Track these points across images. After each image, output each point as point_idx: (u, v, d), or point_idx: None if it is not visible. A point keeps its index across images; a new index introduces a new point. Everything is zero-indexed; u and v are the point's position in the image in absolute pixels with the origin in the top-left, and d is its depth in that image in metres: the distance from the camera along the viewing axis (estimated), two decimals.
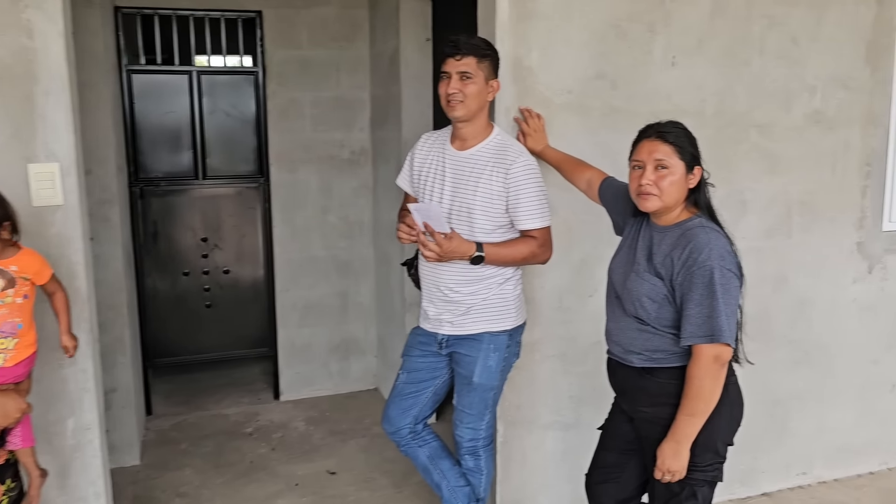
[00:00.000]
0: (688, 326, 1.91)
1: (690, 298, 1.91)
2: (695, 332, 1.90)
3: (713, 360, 1.90)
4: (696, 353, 1.91)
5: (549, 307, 2.78)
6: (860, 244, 3.27)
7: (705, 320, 1.89)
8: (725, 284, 1.89)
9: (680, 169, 2.00)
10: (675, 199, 2.01)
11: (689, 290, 1.91)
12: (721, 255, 1.92)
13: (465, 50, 2.28)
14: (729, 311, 1.89)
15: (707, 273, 1.89)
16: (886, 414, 3.47)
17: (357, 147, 4.31)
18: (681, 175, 2.00)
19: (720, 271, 1.89)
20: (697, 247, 1.92)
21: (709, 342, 1.89)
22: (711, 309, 1.88)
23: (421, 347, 2.52)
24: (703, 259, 1.90)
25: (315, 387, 4.41)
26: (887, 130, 3.24)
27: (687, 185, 2.02)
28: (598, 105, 2.73)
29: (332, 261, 4.36)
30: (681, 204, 2.04)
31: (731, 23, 2.89)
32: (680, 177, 2.00)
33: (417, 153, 2.54)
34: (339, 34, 4.16)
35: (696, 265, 1.90)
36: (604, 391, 2.83)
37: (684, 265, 1.93)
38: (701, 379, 1.90)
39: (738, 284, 1.94)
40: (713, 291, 1.88)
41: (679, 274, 1.94)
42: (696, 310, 1.90)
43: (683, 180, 2.01)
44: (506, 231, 2.37)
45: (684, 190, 2.02)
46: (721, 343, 1.88)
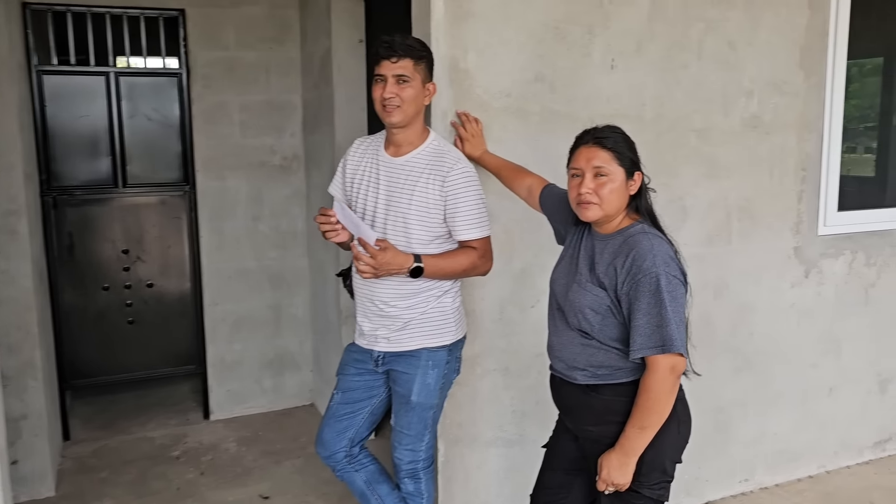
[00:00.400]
0: (637, 338, 1.83)
1: (638, 308, 1.83)
2: (645, 344, 1.82)
3: (669, 370, 1.82)
4: (652, 364, 1.83)
5: (490, 319, 2.67)
6: (797, 249, 3.28)
7: (655, 330, 1.81)
8: (672, 292, 1.82)
9: (620, 176, 1.92)
10: (616, 207, 1.93)
11: (635, 300, 1.83)
12: (665, 262, 1.84)
13: (400, 52, 2.15)
14: (678, 319, 1.82)
15: (653, 280, 1.81)
16: (824, 417, 3.48)
17: (289, 153, 4.13)
18: (621, 182, 1.92)
19: (666, 278, 1.81)
20: (641, 254, 1.84)
21: (660, 353, 1.81)
22: (660, 318, 1.80)
23: (356, 365, 2.38)
24: (648, 266, 1.82)
25: (247, 404, 4.21)
26: (821, 135, 3.26)
27: (628, 192, 1.94)
28: (537, 109, 2.64)
29: (263, 272, 4.16)
30: (622, 211, 1.96)
31: (670, 26, 2.85)
32: (620, 184, 1.92)
33: (350, 159, 2.40)
34: (269, 35, 3.98)
35: (641, 273, 1.82)
36: (547, 405, 2.74)
37: (629, 274, 1.85)
38: (657, 391, 1.81)
39: (685, 291, 1.87)
40: (660, 299, 1.80)
41: (624, 283, 1.85)
42: (645, 319, 1.82)
43: (624, 187, 1.93)
44: (444, 241, 2.25)
45: (625, 197, 1.94)
46: (674, 353, 1.80)
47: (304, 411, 4.27)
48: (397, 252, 2.14)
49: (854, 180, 3.51)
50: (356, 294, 2.37)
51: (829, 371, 3.46)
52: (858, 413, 3.58)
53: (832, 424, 3.51)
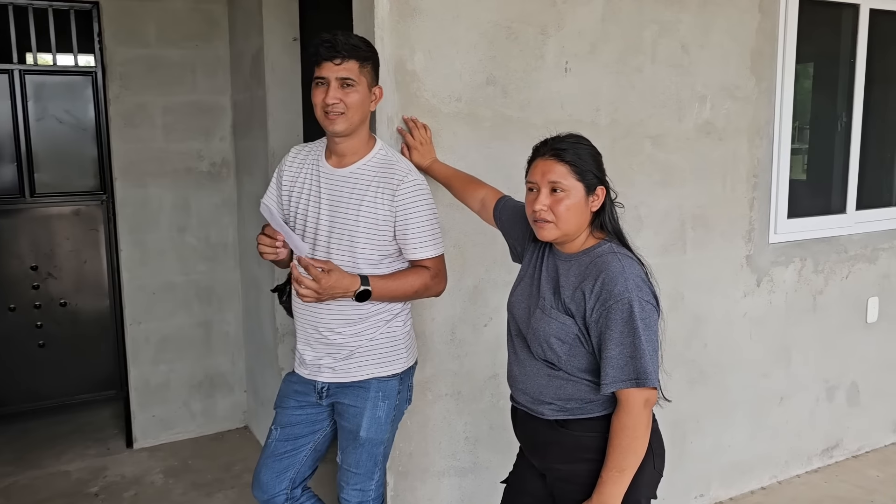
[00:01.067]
0: (609, 370, 1.67)
1: (609, 338, 1.67)
2: (618, 377, 1.67)
3: (643, 405, 1.67)
4: (624, 399, 1.68)
5: (441, 341, 2.48)
6: (749, 257, 3.22)
7: (628, 362, 1.66)
8: (646, 319, 1.67)
9: (578, 191, 1.75)
10: (574, 226, 1.77)
11: (606, 329, 1.67)
12: (638, 286, 1.69)
13: (344, 52, 1.93)
14: (652, 348, 1.67)
15: (625, 307, 1.66)
16: (776, 427, 3.44)
17: (218, 158, 3.85)
18: (580, 198, 1.75)
19: (639, 304, 1.67)
20: (611, 277, 1.69)
21: (634, 386, 1.66)
22: (634, 348, 1.65)
23: (296, 397, 2.15)
24: (620, 291, 1.67)
25: (175, 430, 3.90)
26: (772, 141, 3.21)
27: (589, 209, 1.77)
28: (488, 114, 2.47)
29: (191, 287, 3.86)
30: (584, 229, 1.80)
31: (624, 27, 2.72)
32: (578, 200, 1.75)
33: (286, 170, 2.17)
34: (194, 31, 3.69)
35: (613, 299, 1.67)
36: (502, 430, 2.58)
37: (598, 299, 1.69)
38: (633, 429, 1.66)
39: (658, 317, 1.73)
40: (634, 328, 1.65)
41: (593, 310, 1.69)
42: (617, 350, 1.66)
43: (584, 204, 1.76)
44: (393, 261, 2.05)
45: (586, 214, 1.77)
46: (648, 387, 1.65)
47: (237, 435, 3.99)
48: (343, 274, 1.93)
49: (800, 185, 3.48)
50: (296, 319, 2.15)
51: (780, 380, 3.42)
52: (807, 421, 3.55)
53: (783, 434, 3.47)
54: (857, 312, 3.62)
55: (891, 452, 3.81)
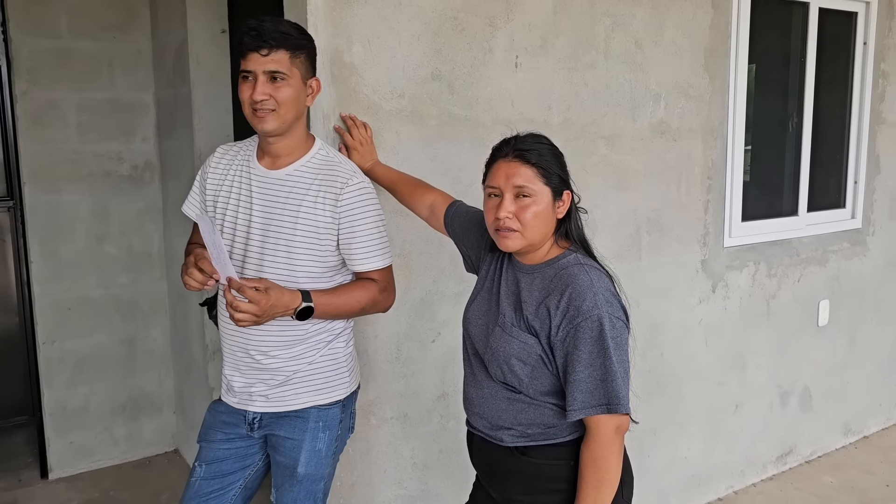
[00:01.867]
0: (577, 395, 1.50)
1: (577, 359, 1.50)
2: (587, 402, 1.50)
3: (614, 433, 1.51)
4: (594, 427, 1.51)
5: (385, 359, 2.27)
6: (704, 262, 3.11)
7: (598, 385, 1.49)
8: (617, 338, 1.51)
9: (546, 196, 1.58)
10: (541, 235, 1.60)
11: (574, 349, 1.50)
12: (608, 301, 1.53)
13: (273, 41, 1.70)
14: (623, 370, 1.51)
15: (595, 325, 1.49)
16: (731, 436, 3.35)
17: (140, 160, 3.54)
18: (547, 204, 1.58)
19: (610, 321, 1.50)
20: (579, 291, 1.52)
21: (604, 412, 1.49)
22: (605, 371, 1.49)
23: (224, 429, 1.91)
24: (588, 307, 1.50)
25: (96, 457, 3.57)
26: (725, 142, 3.11)
27: (556, 216, 1.61)
28: (434, 112, 2.28)
29: (112, 301, 3.55)
30: (549, 238, 1.63)
31: (576, 20, 2.57)
32: (546, 206, 1.58)
33: (211, 173, 1.93)
34: (111, 21, 3.39)
35: (581, 316, 1.50)
36: (453, 454, 2.39)
37: (565, 316, 1.51)
38: (605, 459, 1.50)
39: (628, 335, 1.56)
40: (604, 348, 1.49)
41: (560, 328, 1.52)
42: (587, 372, 1.49)
43: (551, 210, 1.59)
44: (336, 273, 1.84)
45: (552, 221, 1.61)
46: (620, 413, 1.49)
47: (165, 460, 3.69)
48: (281, 291, 1.69)
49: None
50: (223, 341, 1.91)
51: (735, 388, 3.33)
52: (762, 428, 3.47)
53: (738, 442, 3.38)
54: (808, 316, 3.57)
55: (842, 456, 3.78)
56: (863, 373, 3.89)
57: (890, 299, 3.95)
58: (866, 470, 3.61)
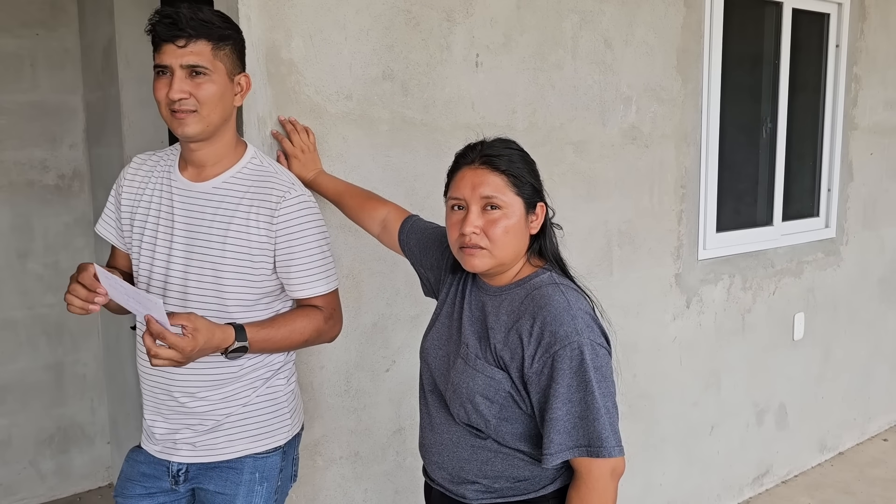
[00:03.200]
0: (554, 435, 1.28)
1: (555, 394, 1.28)
2: (565, 443, 1.28)
3: (609, 477, 1.30)
4: (585, 471, 1.30)
5: (333, 393, 2.03)
6: (678, 276, 2.93)
7: (577, 424, 1.28)
8: (600, 368, 1.29)
9: (518, 209, 1.37)
10: (513, 253, 1.38)
11: (551, 382, 1.29)
12: (588, 325, 1.31)
13: (192, 30, 1.45)
14: (609, 405, 1.30)
15: (575, 354, 1.28)
16: (707, 459, 3.17)
17: (68, 169, 3.24)
18: (519, 217, 1.37)
19: (591, 349, 1.29)
20: (555, 315, 1.30)
21: (584, 455, 1.28)
22: (586, 407, 1.27)
23: (144, 482, 1.65)
24: (566, 333, 1.28)
25: (19, 496, 3.24)
26: (699, 148, 2.93)
27: (528, 230, 1.40)
28: (386, 116, 2.04)
29: (37, 323, 3.23)
30: (521, 256, 1.41)
31: (541, 16, 2.36)
32: (518, 220, 1.37)
33: (126, 186, 1.66)
34: (33, 16, 3.08)
35: (558, 342, 1.28)
36: (410, 492, 2.16)
37: (539, 344, 1.30)
38: None
39: (611, 364, 1.35)
40: (586, 380, 1.27)
41: (535, 359, 1.30)
42: (564, 409, 1.28)
43: (523, 224, 1.38)
44: (273, 300, 1.59)
45: (525, 237, 1.40)
46: (607, 457, 1.27)
47: (98, 496, 3.37)
48: (212, 330, 1.41)
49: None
50: (142, 380, 1.65)
51: (710, 408, 3.15)
52: (738, 449, 3.30)
53: (714, 465, 3.21)
54: (784, 330, 3.42)
55: (818, 475, 3.63)
56: (837, 387, 3.76)
57: (863, 310, 3.83)
58: (844, 489, 3.47)
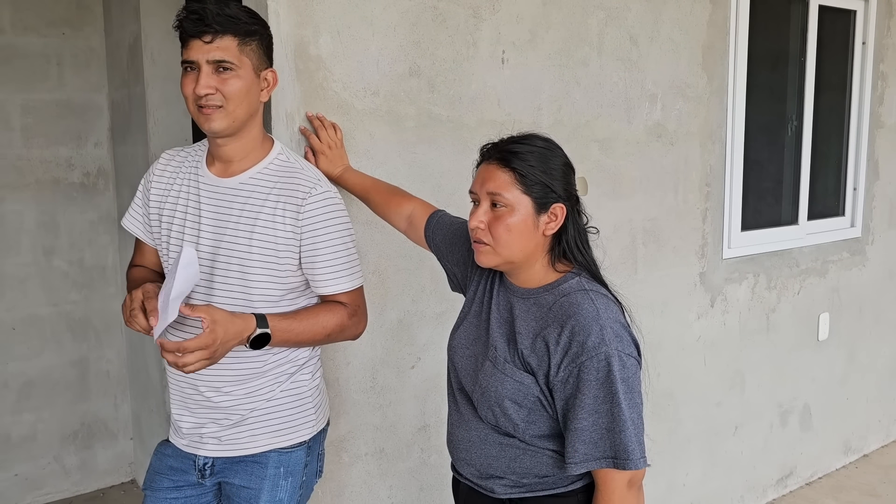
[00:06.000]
0: (579, 445, 1.27)
1: (580, 404, 1.27)
2: (590, 454, 1.27)
3: (627, 487, 1.29)
4: (602, 482, 1.30)
5: (359, 389, 2.03)
6: (703, 275, 2.90)
7: (604, 435, 1.27)
8: (628, 379, 1.28)
9: (524, 207, 1.33)
10: (519, 252, 1.36)
11: (577, 392, 1.28)
12: (617, 335, 1.30)
13: (218, 26, 1.45)
14: (635, 417, 1.28)
15: (602, 365, 1.26)
16: (730, 460, 3.14)
17: (92, 167, 3.26)
18: (525, 216, 1.34)
19: (619, 360, 1.27)
20: (583, 325, 1.29)
21: (611, 466, 1.26)
22: (612, 419, 1.26)
23: (172, 476, 1.65)
24: (594, 344, 1.27)
25: (44, 490, 3.27)
26: (724, 146, 2.91)
27: (540, 231, 1.36)
28: (412, 112, 2.04)
29: (62, 319, 3.26)
30: (538, 257, 1.39)
31: (567, 13, 2.35)
32: (523, 219, 1.34)
33: (155, 181, 1.67)
34: (60, 16, 3.11)
35: (586, 353, 1.27)
36: (435, 489, 2.15)
37: (566, 353, 1.29)
38: None
39: (640, 375, 1.34)
40: (613, 392, 1.26)
41: (561, 368, 1.29)
42: (590, 420, 1.27)
43: (531, 224, 1.34)
44: (298, 296, 1.59)
45: (534, 238, 1.36)
46: (631, 470, 1.26)
47: (121, 491, 3.40)
48: (231, 319, 1.43)
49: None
50: (168, 375, 1.66)
51: (734, 408, 3.12)
52: (761, 450, 3.27)
53: (737, 466, 3.18)
54: (808, 330, 3.38)
55: (843, 477, 3.59)
56: (862, 388, 3.72)
57: (888, 311, 3.79)
58: (869, 492, 3.42)
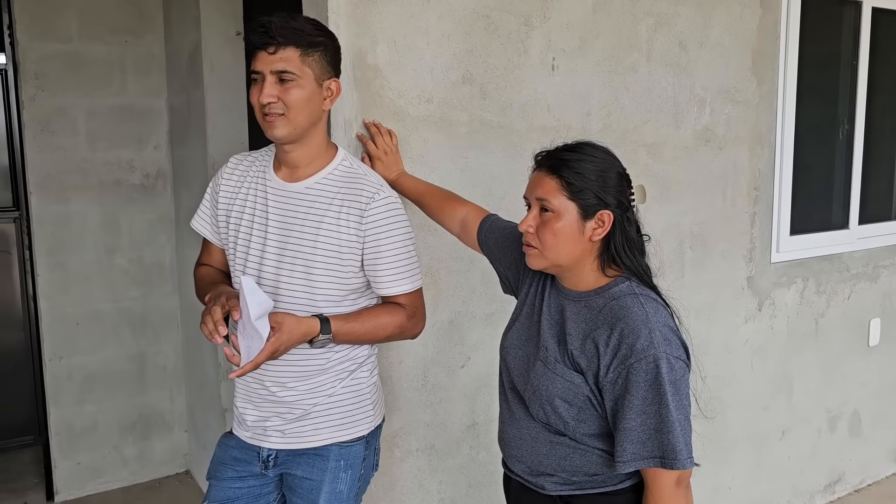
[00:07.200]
0: (627, 445, 1.32)
1: (629, 405, 1.31)
2: (638, 453, 1.31)
3: (675, 485, 1.33)
4: (651, 480, 1.34)
5: (411, 386, 2.09)
6: (750, 279, 2.90)
7: (652, 436, 1.31)
8: (676, 381, 1.32)
9: (570, 214, 1.38)
10: (565, 257, 1.41)
11: (625, 393, 1.32)
12: (666, 338, 1.33)
13: (282, 38, 1.53)
14: (683, 417, 1.32)
15: (650, 368, 1.30)
16: (777, 465, 3.13)
17: (152, 169, 3.40)
18: (571, 223, 1.38)
19: (667, 363, 1.31)
20: (632, 328, 1.33)
21: (658, 466, 1.31)
22: (660, 420, 1.30)
23: (235, 466, 1.74)
24: (643, 347, 1.31)
25: (104, 478, 3.42)
26: (773, 150, 2.90)
27: (586, 237, 1.40)
28: (465, 118, 2.10)
29: (122, 315, 3.39)
30: (586, 262, 1.43)
31: (616, 20, 2.38)
32: (569, 225, 1.38)
33: (224, 185, 1.76)
34: (123, 24, 3.24)
35: (634, 356, 1.31)
36: (483, 486, 2.20)
37: (615, 355, 1.33)
38: None
39: (688, 377, 1.37)
40: (661, 394, 1.30)
41: (610, 369, 1.33)
42: (639, 420, 1.31)
43: (577, 230, 1.39)
44: (359, 296, 1.66)
45: (581, 243, 1.40)
46: (677, 469, 1.30)
47: (176, 482, 3.52)
48: (296, 321, 1.51)
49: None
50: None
51: (781, 412, 3.11)
52: (809, 455, 3.25)
53: (784, 471, 3.16)
54: (858, 335, 3.34)
55: (892, 484, 3.54)
56: None
57: None
58: None
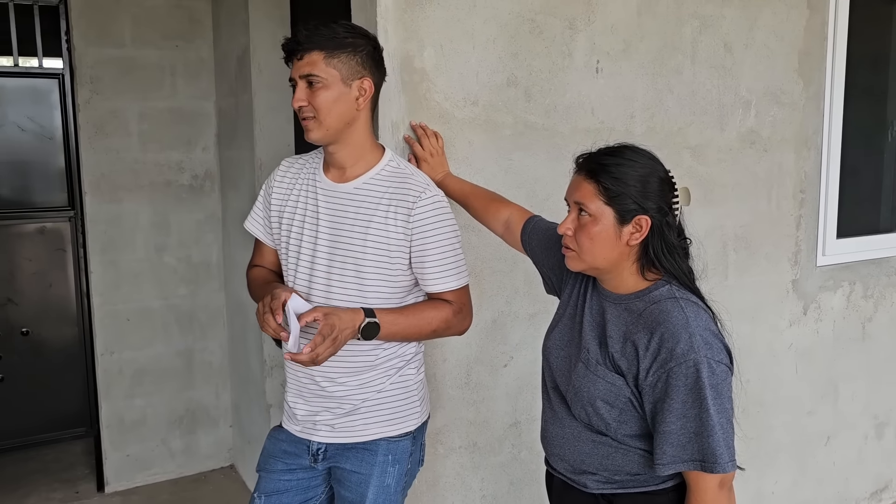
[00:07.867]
0: (666, 447, 1.33)
1: (669, 409, 1.33)
2: (678, 456, 1.33)
3: (718, 488, 1.34)
4: (693, 482, 1.35)
5: (454, 385, 2.12)
6: (795, 282, 2.87)
7: (692, 439, 1.32)
8: (717, 385, 1.32)
9: (607, 218, 1.39)
10: (602, 260, 1.42)
11: (665, 396, 1.33)
12: (707, 342, 1.34)
13: (306, 43, 1.59)
14: (724, 422, 1.33)
15: (691, 372, 1.31)
16: (822, 470, 3.08)
17: (200, 170, 3.49)
18: (608, 226, 1.39)
19: (708, 367, 1.31)
20: (672, 331, 1.34)
21: (699, 469, 1.32)
22: (701, 424, 1.31)
23: (285, 459, 1.79)
24: (683, 351, 1.32)
25: (152, 471, 3.52)
26: (819, 152, 2.87)
27: (623, 241, 1.40)
28: (509, 121, 2.12)
29: (171, 312, 3.49)
30: (625, 265, 1.44)
31: (661, 22, 2.38)
32: (606, 229, 1.39)
33: (276, 187, 1.81)
34: (174, 30, 3.34)
35: (674, 360, 1.32)
36: (524, 485, 2.23)
37: (655, 359, 1.34)
38: None
39: (731, 380, 1.38)
40: (701, 398, 1.30)
41: (650, 373, 1.35)
42: (678, 424, 1.32)
43: (613, 234, 1.40)
44: (407, 293, 1.70)
45: (618, 247, 1.41)
46: (717, 473, 1.31)
47: (221, 475, 3.61)
48: (343, 313, 1.58)
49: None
50: (287, 365, 1.79)
51: (827, 418, 3.06)
52: (855, 462, 3.19)
53: (829, 477, 3.12)
54: None
55: None
56: None
57: None
58: None
